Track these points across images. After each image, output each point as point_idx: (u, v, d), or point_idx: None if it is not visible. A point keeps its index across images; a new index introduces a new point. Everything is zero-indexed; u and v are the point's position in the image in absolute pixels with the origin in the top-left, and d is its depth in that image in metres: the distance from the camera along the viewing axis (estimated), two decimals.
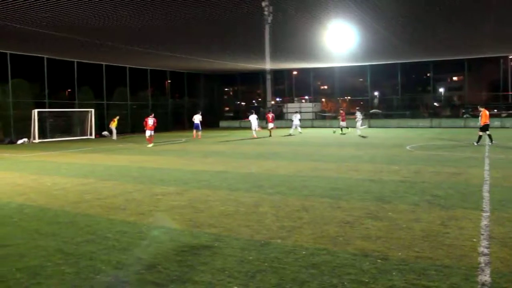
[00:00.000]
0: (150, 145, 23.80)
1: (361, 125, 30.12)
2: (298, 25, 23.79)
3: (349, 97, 53.80)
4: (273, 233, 6.35)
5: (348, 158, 15.51)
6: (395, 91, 46.20)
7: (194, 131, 29.75)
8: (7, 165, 16.99)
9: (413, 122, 40.04)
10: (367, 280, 4.53)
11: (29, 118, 30.89)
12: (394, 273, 4.70)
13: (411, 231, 6.26)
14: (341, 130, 32.23)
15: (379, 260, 5.12)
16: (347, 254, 5.35)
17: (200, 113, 30.55)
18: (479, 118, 20.23)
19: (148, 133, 24.47)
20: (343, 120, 31.96)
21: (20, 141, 30.25)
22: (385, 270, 4.82)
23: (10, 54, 31.08)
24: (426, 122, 39.64)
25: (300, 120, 32.91)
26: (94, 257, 5.57)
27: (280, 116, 48.76)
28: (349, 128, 32.47)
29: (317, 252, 5.48)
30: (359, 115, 30.09)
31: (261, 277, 4.72)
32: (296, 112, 34.63)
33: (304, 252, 5.47)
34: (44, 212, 8.31)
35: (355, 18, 21.95)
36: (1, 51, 30.61)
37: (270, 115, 31.37)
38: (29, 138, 30.80)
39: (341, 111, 33.00)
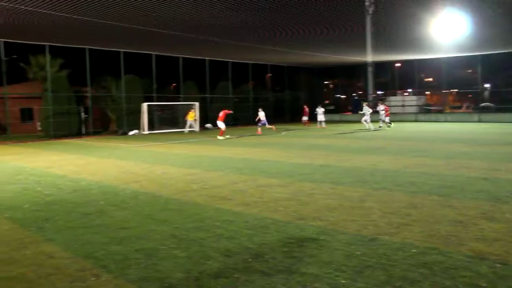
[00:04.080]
0: (221, 138, 24.65)
1: (367, 120, 29.81)
2: (402, 14, 22.83)
3: (456, 90, 50.82)
4: (380, 229, 6.21)
5: (457, 155, 14.64)
6: (509, 83, 42.75)
7: (267, 125, 28.61)
8: (123, 154, 18.30)
9: None
10: (484, 285, 4.26)
11: (139, 111, 33.01)
12: None
13: None
14: (387, 124, 31.20)
15: (497, 265, 4.78)
16: (461, 256, 5.07)
17: (261, 109, 29.43)
18: None
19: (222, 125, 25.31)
20: (387, 115, 31.08)
21: (131, 133, 32.44)
22: (506, 275, 4.49)
23: (123, 52, 33.39)
24: None
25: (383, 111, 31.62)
26: (203, 243, 5.82)
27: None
28: (392, 124, 31.13)
29: (427, 251, 5.26)
30: (366, 108, 29.87)
31: (369, 273, 4.64)
32: (380, 104, 32.96)
33: (413, 250, 5.28)
34: (156, 199, 8.83)
35: (468, 4, 20.59)
36: (115, 49, 33.02)
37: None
38: (139, 129, 32.89)
39: (386, 107, 31.66)
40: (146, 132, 32.53)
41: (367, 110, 29.90)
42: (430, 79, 55.51)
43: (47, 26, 22.97)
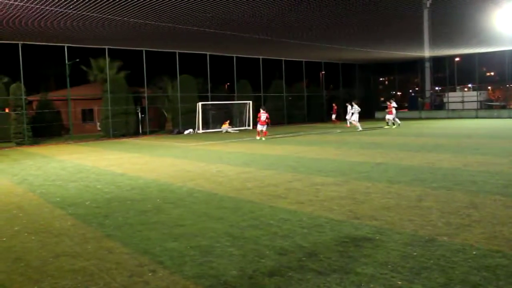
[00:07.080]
0: (258, 138, 24.26)
1: (353, 118, 28.62)
2: (462, 5, 21.89)
3: None
4: (438, 230, 6.00)
5: None
6: None
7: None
8: (178, 153, 18.70)
9: None
10: None
11: (194, 110, 33.56)
12: None
13: None
14: (387, 123, 29.87)
15: None
16: None
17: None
18: None
19: (259, 127, 24.58)
20: (390, 113, 29.41)
21: (186, 132, 33.07)
22: None
23: (178, 53, 34.06)
24: None
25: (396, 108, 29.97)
26: (258, 241, 5.84)
27: (440, 106, 45.78)
28: (394, 125, 29.53)
29: (490, 253, 5.03)
30: (355, 107, 28.45)
31: (426, 275, 4.50)
32: (392, 100, 30.93)
33: (474, 253, 5.07)
34: (211, 197, 8.95)
35: None
36: (171, 50, 33.75)
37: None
38: (194, 128, 33.46)
39: (389, 104, 29.81)
40: (201, 131, 33.05)
41: (356, 109, 28.64)
42: (492, 73, 53.16)
43: (106, 30, 23.83)
